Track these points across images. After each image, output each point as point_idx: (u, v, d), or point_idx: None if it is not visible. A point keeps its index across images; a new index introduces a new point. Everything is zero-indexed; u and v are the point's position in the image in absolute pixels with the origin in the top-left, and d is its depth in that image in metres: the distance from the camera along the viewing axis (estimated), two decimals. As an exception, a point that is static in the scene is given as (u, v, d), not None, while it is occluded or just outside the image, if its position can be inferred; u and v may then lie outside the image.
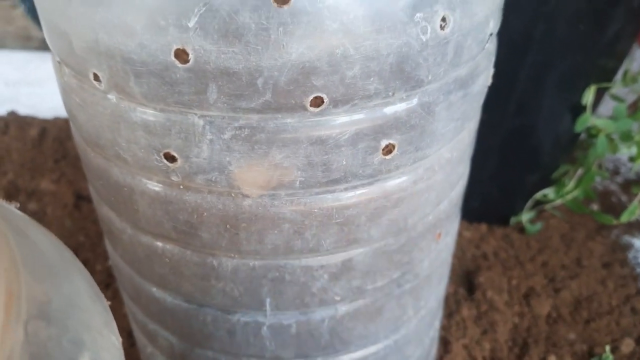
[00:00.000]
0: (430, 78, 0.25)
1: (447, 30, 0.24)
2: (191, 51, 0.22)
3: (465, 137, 0.32)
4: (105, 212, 0.34)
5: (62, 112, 0.90)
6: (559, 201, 0.70)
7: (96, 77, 0.25)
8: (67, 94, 0.29)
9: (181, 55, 0.22)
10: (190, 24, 0.21)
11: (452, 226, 0.38)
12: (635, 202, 0.64)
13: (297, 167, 0.26)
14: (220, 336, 0.34)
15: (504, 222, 0.74)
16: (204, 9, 0.21)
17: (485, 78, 0.30)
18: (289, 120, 0.24)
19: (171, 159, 0.26)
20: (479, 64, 0.29)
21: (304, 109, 0.24)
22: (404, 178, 0.28)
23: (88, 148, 0.30)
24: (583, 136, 0.71)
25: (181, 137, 0.25)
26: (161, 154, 0.26)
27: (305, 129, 0.24)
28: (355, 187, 0.27)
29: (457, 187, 0.34)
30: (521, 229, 0.73)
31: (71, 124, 0.31)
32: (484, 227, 0.73)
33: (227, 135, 0.24)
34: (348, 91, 0.24)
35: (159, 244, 0.31)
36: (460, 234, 0.72)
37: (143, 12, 0.22)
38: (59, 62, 0.28)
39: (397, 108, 0.25)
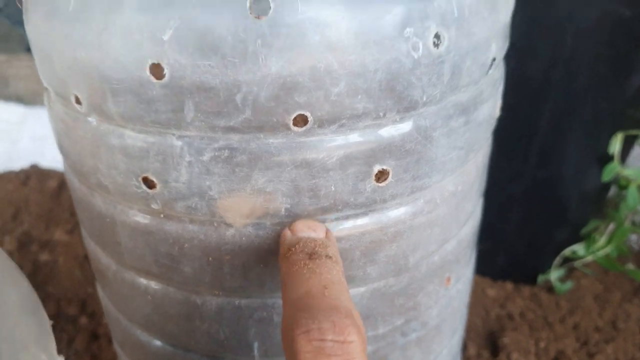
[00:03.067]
0: (425, 99, 0.24)
1: (442, 48, 0.23)
2: (166, 65, 0.21)
3: (472, 170, 0.29)
4: (92, 248, 0.32)
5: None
6: (589, 258, 0.65)
7: (77, 100, 0.24)
8: (55, 121, 0.28)
9: (156, 70, 0.21)
10: (165, 37, 0.21)
11: (465, 271, 0.35)
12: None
13: (282, 192, 0.24)
14: (207, 387, 0.31)
15: (531, 280, 0.69)
16: (179, 21, 0.20)
17: (491, 107, 0.28)
18: (271, 141, 0.23)
19: (150, 184, 0.25)
20: (482, 90, 0.27)
21: (287, 128, 0.22)
22: (401, 210, 0.26)
23: (74, 178, 0.29)
24: (613, 191, 0.68)
25: (159, 159, 0.24)
26: (140, 179, 0.25)
27: (289, 150, 0.23)
28: (347, 218, 0.25)
29: (465, 226, 0.32)
30: (550, 288, 0.68)
31: (61, 155, 0.30)
32: (509, 285, 0.69)
33: (206, 157, 0.23)
34: (334, 110, 0.22)
35: (142, 280, 0.29)
36: (484, 293, 0.68)
37: (118, 27, 0.21)
38: (46, 89, 0.28)
39: (390, 130, 0.24)
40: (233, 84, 0.21)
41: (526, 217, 0.63)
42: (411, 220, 0.27)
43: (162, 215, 0.26)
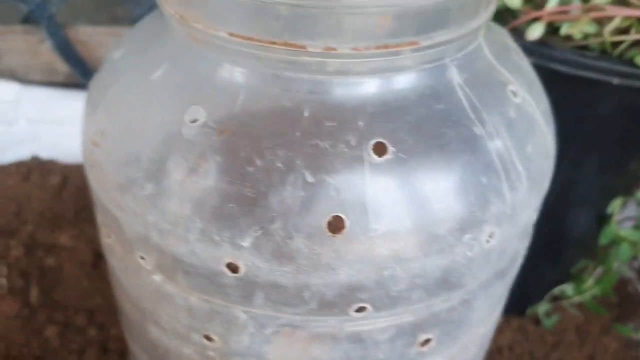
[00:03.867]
0: (473, 282, 0.25)
1: (493, 242, 0.24)
2: (243, 265, 0.22)
3: (500, 308, 0.32)
4: (139, 355, 0.34)
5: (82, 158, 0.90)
6: (577, 298, 0.69)
7: (143, 258, 0.26)
8: (109, 254, 0.29)
9: (232, 266, 0.23)
10: (245, 244, 0.22)
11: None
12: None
13: None
14: None
15: (520, 311, 0.73)
16: (260, 232, 0.22)
17: (522, 256, 0.30)
18: (331, 322, 0.24)
19: (210, 339, 0.26)
20: (519, 250, 0.29)
21: (347, 314, 0.24)
22: (437, 360, 0.29)
23: (128, 303, 0.31)
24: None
25: (223, 326, 0.25)
26: (201, 335, 0.26)
27: (346, 329, 0.25)
28: (389, 373, 0.28)
29: (485, 346, 0.34)
30: (537, 320, 0.73)
31: (109, 272, 0.31)
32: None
33: (268, 331, 0.25)
34: (392, 302, 0.24)
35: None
36: (475, 324, 0.72)
37: (197, 227, 0.22)
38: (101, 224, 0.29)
39: (438, 309, 0.26)
40: (304, 285, 0.23)
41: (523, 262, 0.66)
42: (444, 366, 0.29)
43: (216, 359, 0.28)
